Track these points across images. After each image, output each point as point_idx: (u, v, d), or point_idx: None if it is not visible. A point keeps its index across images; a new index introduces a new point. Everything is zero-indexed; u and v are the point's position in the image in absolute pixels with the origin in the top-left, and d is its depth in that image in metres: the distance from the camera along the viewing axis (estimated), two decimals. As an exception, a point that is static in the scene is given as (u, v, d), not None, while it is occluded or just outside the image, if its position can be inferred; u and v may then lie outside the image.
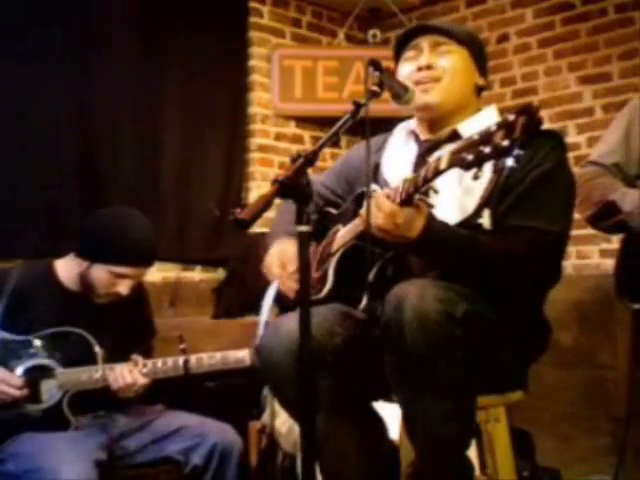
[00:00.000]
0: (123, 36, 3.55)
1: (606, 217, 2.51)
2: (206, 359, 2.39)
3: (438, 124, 1.94)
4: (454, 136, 1.90)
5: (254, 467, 2.83)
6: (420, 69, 1.90)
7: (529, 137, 1.42)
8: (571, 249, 3.66)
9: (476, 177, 1.52)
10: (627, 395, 2.78)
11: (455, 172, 1.58)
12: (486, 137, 1.46)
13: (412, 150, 1.98)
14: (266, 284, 2.15)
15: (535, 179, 1.75)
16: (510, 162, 1.45)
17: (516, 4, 4.07)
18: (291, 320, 1.76)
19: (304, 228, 1.48)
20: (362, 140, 1.86)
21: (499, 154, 1.44)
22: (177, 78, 3.76)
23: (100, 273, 2.36)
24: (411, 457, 1.87)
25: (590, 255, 3.70)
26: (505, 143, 1.43)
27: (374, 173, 1.99)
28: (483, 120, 1.87)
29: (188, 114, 3.78)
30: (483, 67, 1.98)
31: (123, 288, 2.37)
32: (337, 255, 1.90)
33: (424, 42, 1.93)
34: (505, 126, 1.44)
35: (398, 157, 1.99)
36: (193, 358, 2.38)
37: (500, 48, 4.10)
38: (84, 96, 3.42)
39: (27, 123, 3.22)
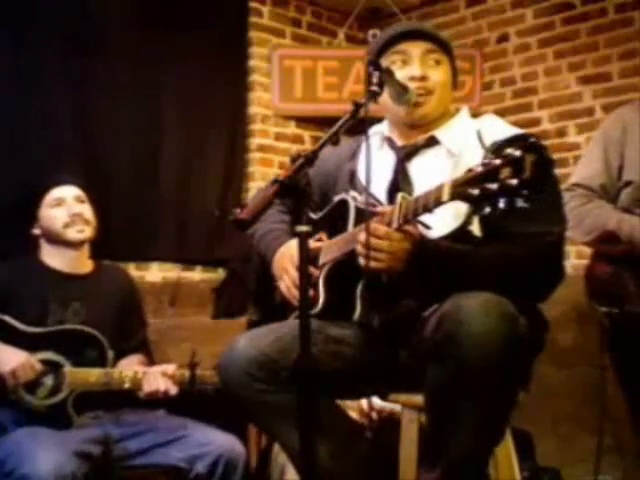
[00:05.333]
0: (123, 36, 3.54)
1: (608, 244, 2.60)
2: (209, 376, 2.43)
3: (417, 130, 1.93)
4: (432, 142, 1.91)
5: (254, 467, 2.83)
6: (413, 79, 1.87)
7: (540, 176, 1.38)
8: (571, 249, 3.66)
9: (487, 213, 1.50)
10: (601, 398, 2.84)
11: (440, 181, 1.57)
12: (491, 172, 1.42)
13: (389, 157, 1.96)
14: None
15: None
16: (520, 203, 1.40)
17: (516, 4, 4.07)
18: (243, 340, 1.80)
19: (304, 228, 1.48)
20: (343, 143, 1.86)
21: (507, 192, 1.40)
22: (177, 78, 3.75)
23: (47, 214, 2.52)
24: (410, 453, 1.88)
25: (589, 254, 3.69)
26: (514, 183, 1.39)
27: (350, 180, 1.99)
28: (458, 126, 1.91)
29: (188, 114, 3.77)
30: (456, 74, 1.99)
31: (74, 208, 2.51)
32: (325, 269, 1.89)
33: (414, 49, 1.89)
34: (512, 162, 1.40)
35: (375, 164, 1.93)
36: (199, 374, 2.44)
37: (500, 48, 4.10)
38: (83, 96, 3.41)
39: (26, 123, 3.21)
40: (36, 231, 2.55)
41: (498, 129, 1.82)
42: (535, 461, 3.12)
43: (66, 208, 2.51)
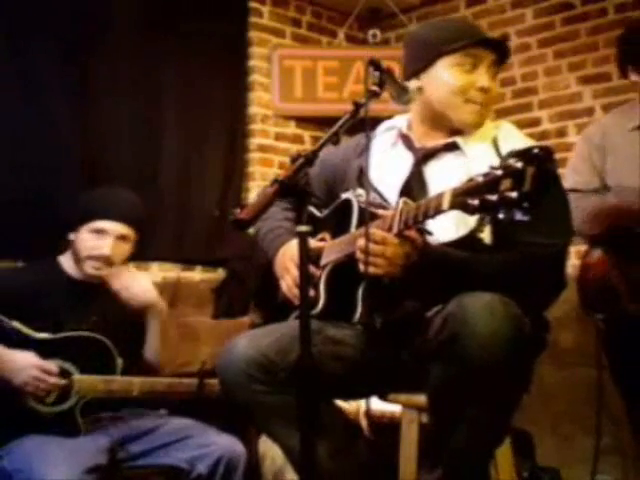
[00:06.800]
0: (123, 36, 3.54)
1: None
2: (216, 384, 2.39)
3: (439, 133, 1.92)
4: (451, 147, 1.89)
5: (254, 468, 2.84)
6: (482, 89, 1.85)
7: (539, 190, 1.37)
8: (571, 249, 3.65)
9: (481, 224, 1.50)
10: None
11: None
12: (491, 183, 1.42)
13: (405, 157, 1.95)
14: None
15: None
16: (519, 215, 1.39)
17: (516, 4, 4.07)
18: (243, 341, 1.80)
19: (304, 228, 1.48)
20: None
21: (507, 205, 1.39)
22: (177, 78, 3.75)
23: (84, 236, 2.44)
24: (410, 453, 1.88)
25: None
26: (513, 195, 1.37)
27: (358, 177, 1.97)
28: (478, 133, 1.89)
29: (188, 114, 3.77)
30: None
31: (106, 249, 2.41)
32: (327, 269, 1.89)
33: (486, 58, 1.87)
34: (512, 174, 1.39)
35: (387, 162, 1.96)
36: (207, 383, 2.41)
37: (500, 48, 4.09)
38: (83, 97, 3.41)
39: (25, 124, 3.21)
40: (72, 237, 2.48)
41: (514, 140, 1.82)
42: (535, 461, 3.12)
43: (102, 242, 2.41)
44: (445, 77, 1.86)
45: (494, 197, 1.40)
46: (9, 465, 2.14)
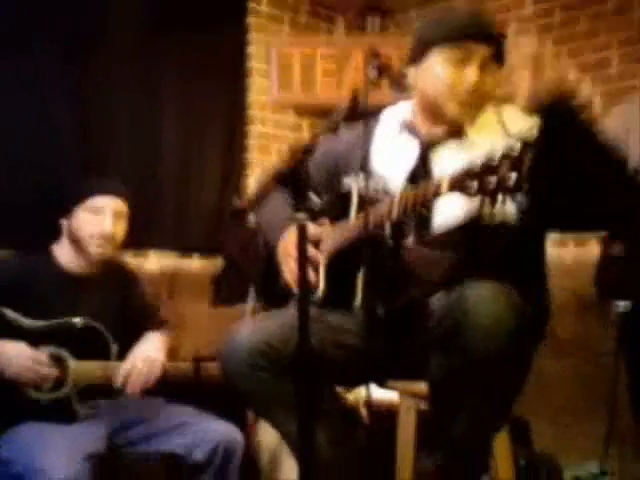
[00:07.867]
0: (123, 35, 3.53)
1: None
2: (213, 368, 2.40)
3: (441, 120, 1.89)
4: (457, 134, 1.87)
5: (252, 459, 2.85)
6: (467, 84, 1.81)
7: (538, 172, 1.39)
8: (569, 237, 3.66)
9: (490, 205, 1.51)
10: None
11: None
12: (491, 166, 1.43)
13: (410, 145, 1.93)
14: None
15: None
16: (519, 197, 1.42)
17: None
18: (245, 329, 1.81)
19: (302, 216, 1.48)
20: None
21: (505, 187, 1.41)
22: (175, 67, 3.74)
23: (81, 216, 2.45)
24: (408, 440, 1.89)
25: (588, 243, 3.69)
26: (512, 177, 1.39)
27: (361, 164, 1.94)
28: (484, 118, 1.86)
29: (187, 103, 3.76)
30: None
31: (107, 225, 2.43)
32: (327, 255, 1.89)
33: (479, 53, 1.81)
34: (511, 157, 1.41)
35: (392, 150, 1.95)
36: (204, 366, 2.43)
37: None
38: (83, 97, 3.41)
39: (25, 122, 3.20)
40: (64, 222, 2.50)
41: (520, 119, 1.80)
42: (532, 448, 3.14)
43: (101, 220, 2.44)
44: (435, 69, 1.84)
45: (493, 179, 1.42)
46: (9, 454, 2.16)
